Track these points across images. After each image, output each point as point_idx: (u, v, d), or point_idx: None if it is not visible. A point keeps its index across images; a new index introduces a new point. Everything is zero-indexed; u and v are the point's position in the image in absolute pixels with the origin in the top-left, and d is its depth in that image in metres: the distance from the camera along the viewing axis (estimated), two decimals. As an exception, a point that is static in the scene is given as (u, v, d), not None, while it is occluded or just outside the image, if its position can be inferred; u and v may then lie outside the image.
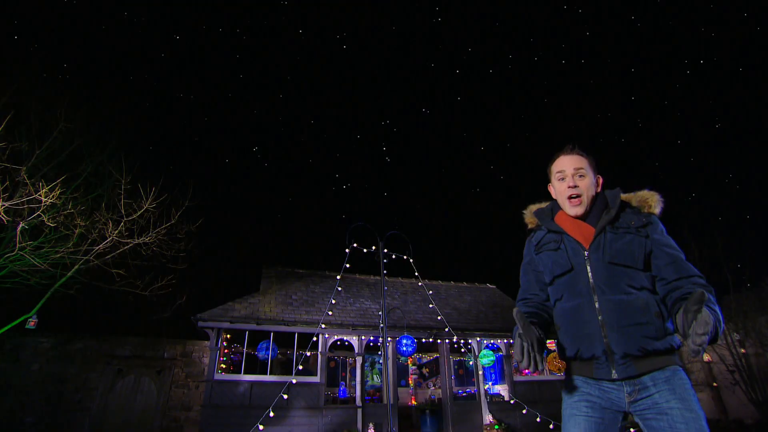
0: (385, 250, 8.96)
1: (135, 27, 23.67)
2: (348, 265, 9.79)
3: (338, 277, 10.71)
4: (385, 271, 8.52)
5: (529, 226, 1.86)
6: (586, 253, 1.56)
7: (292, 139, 31.97)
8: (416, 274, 10.94)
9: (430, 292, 12.46)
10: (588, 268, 1.53)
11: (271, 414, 8.55)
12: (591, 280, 1.51)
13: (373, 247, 9.40)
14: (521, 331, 1.38)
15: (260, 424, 8.40)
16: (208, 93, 28.65)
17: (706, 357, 12.44)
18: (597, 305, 1.48)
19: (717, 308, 1.31)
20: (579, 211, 1.62)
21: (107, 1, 21.70)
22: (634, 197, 1.68)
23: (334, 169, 33.55)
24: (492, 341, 11.52)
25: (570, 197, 1.63)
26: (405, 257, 10.37)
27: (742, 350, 11.19)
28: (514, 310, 1.41)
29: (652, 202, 1.64)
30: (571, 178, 1.65)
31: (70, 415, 9.55)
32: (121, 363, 10.45)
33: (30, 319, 8.54)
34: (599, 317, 1.46)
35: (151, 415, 10.21)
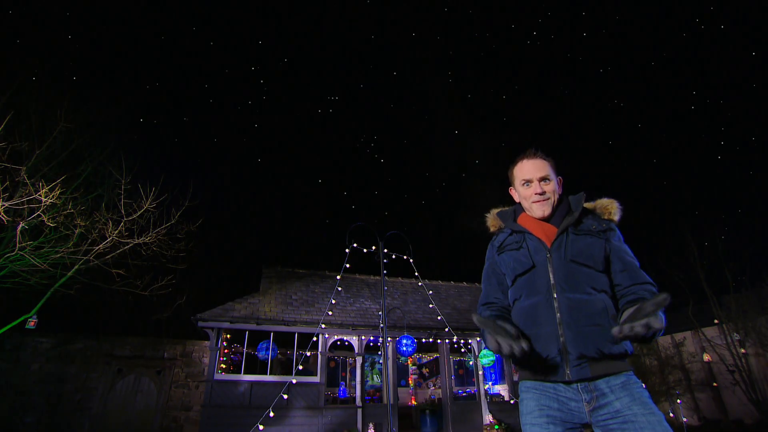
0: (385, 250, 8.96)
1: (135, 27, 23.67)
2: (348, 265, 9.80)
3: (338, 277, 10.71)
4: (385, 271, 8.53)
5: (492, 230, 1.86)
6: (548, 251, 1.57)
7: (292, 140, 31.97)
8: (416, 274, 10.94)
9: (430, 292, 12.46)
10: (549, 266, 1.54)
11: (271, 414, 8.55)
12: (552, 278, 1.51)
13: (373, 247, 9.40)
14: (489, 329, 1.37)
15: (260, 424, 8.40)
16: (208, 93, 28.65)
17: (706, 357, 12.44)
18: (556, 303, 1.47)
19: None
20: (546, 211, 1.64)
21: (107, 1, 21.69)
22: (595, 204, 1.72)
23: (334, 169, 33.54)
24: (492, 341, 11.50)
25: (537, 201, 1.65)
26: (405, 257, 10.37)
27: (742, 350, 11.19)
28: (474, 317, 1.39)
29: (612, 209, 1.68)
30: (537, 184, 1.65)
31: (70, 415, 9.55)
32: (121, 363, 10.45)
33: (30, 319, 8.54)
34: (557, 315, 1.45)
35: (151, 415, 10.21)
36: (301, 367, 9.39)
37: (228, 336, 9.92)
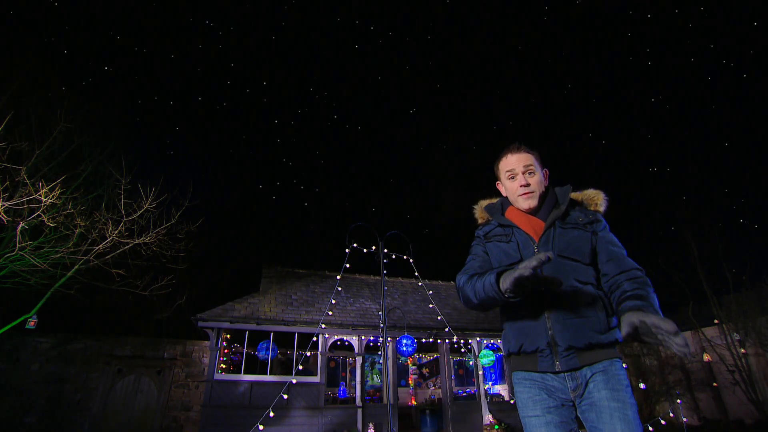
0: (385, 250, 8.95)
1: (135, 27, 23.66)
2: (348, 265, 9.78)
3: (338, 277, 10.69)
4: (385, 271, 8.52)
5: (480, 221, 1.88)
6: (535, 246, 1.58)
7: (292, 140, 31.97)
8: (416, 274, 10.93)
9: (430, 292, 12.46)
10: None
11: (271, 414, 8.55)
12: (539, 273, 1.50)
13: (373, 247, 9.39)
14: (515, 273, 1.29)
15: (260, 424, 8.39)
16: (209, 93, 28.64)
17: (706, 357, 12.44)
18: (544, 298, 1.50)
19: (654, 299, 1.36)
20: (532, 203, 1.65)
21: (107, 1, 21.69)
22: (582, 195, 1.73)
23: (334, 169, 33.55)
24: (492, 341, 11.52)
25: (523, 193, 1.66)
26: (405, 257, 10.37)
27: (742, 350, 11.18)
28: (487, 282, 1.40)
29: (598, 200, 1.70)
30: (521, 176, 1.67)
31: (70, 415, 9.54)
32: (121, 363, 10.44)
33: (30, 319, 8.54)
34: (545, 310, 1.48)
35: (151, 415, 10.21)
36: (301, 367, 9.39)
37: (228, 336, 9.91)
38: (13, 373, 9.46)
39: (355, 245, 9.50)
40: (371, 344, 11.41)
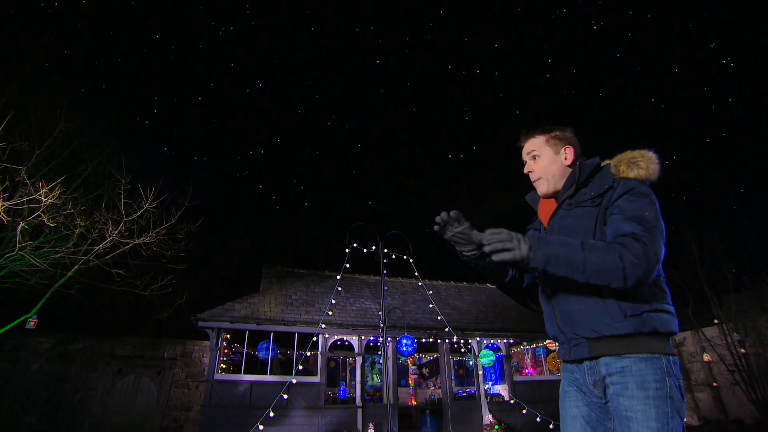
0: (385, 250, 8.95)
1: (135, 26, 23.68)
2: (348, 265, 9.79)
3: (338, 277, 10.70)
4: (385, 271, 8.52)
5: None
6: (544, 231, 1.56)
7: (292, 140, 31.98)
8: (416, 274, 10.94)
9: (430, 292, 12.46)
10: None
11: (271, 414, 8.55)
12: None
13: (373, 247, 9.40)
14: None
15: (260, 424, 8.39)
16: (209, 93, 28.65)
17: (706, 357, 12.44)
18: (549, 285, 1.48)
19: (625, 253, 1.15)
20: (542, 189, 1.59)
21: (107, 1, 21.70)
22: (612, 161, 1.48)
23: (334, 169, 33.57)
24: (492, 341, 11.52)
25: (533, 181, 1.62)
26: (405, 257, 10.37)
27: (742, 350, 11.18)
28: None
29: (623, 166, 1.41)
30: (528, 164, 1.63)
31: (70, 415, 9.54)
32: (121, 363, 10.44)
33: (30, 319, 8.54)
34: (551, 296, 1.47)
35: (151, 415, 10.21)
36: (301, 367, 9.39)
37: (228, 336, 9.91)
38: (13, 373, 9.46)
39: (355, 245, 9.51)
40: (371, 344, 11.41)
